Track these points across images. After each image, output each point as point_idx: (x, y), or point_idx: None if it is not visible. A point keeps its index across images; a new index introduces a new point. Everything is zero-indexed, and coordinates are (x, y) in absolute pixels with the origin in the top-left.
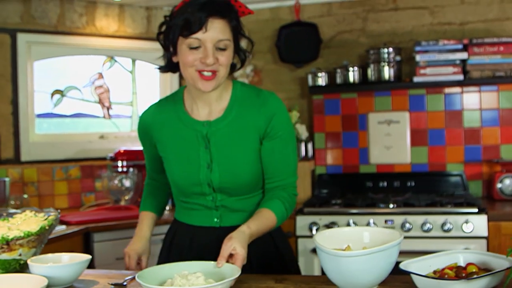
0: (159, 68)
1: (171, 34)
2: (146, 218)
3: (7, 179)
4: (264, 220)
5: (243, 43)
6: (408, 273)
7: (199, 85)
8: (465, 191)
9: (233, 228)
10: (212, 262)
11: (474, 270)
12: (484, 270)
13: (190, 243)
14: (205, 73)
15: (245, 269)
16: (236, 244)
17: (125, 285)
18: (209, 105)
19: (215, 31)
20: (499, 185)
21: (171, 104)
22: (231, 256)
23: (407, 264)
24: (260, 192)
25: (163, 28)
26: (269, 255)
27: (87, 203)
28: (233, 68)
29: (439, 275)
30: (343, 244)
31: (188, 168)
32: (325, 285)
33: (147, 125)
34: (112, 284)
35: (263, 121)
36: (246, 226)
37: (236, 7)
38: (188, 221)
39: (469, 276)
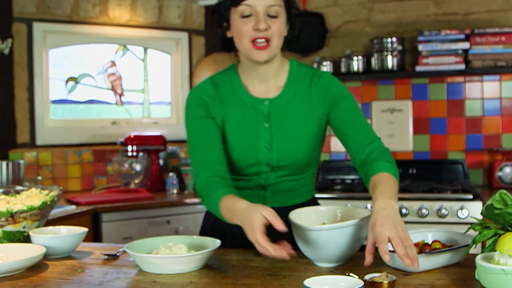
0: (223, 46)
1: (223, 7)
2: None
3: (21, 161)
4: (389, 182)
5: None
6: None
7: (254, 55)
8: (466, 179)
9: (277, 210)
10: (195, 237)
11: (437, 247)
12: (449, 247)
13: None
14: (259, 42)
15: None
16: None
17: (118, 255)
18: (266, 82)
19: None
20: (499, 174)
21: (227, 79)
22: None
23: None
24: (312, 172)
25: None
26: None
27: (99, 186)
28: (287, 43)
29: None
30: (318, 221)
31: (248, 148)
32: (300, 258)
33: (207, 99)
34: (105, 255)
35: (322, 96)
36: (391, 199)
37: None
38: None
39: (432, 251)
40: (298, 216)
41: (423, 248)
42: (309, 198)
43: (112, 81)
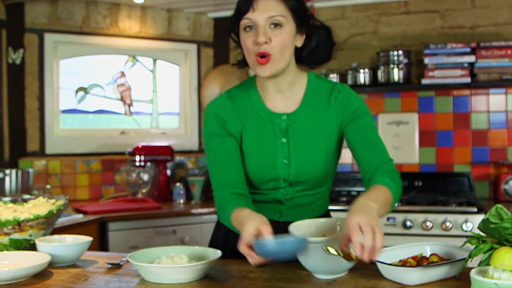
0: (236, 64)
1: (232, 22)
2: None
3: (31, 170)
4: (381, 193)
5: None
6: (373, 261)
7: (257, 70)
8: (471, 192)
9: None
10: (197, 247)
11: (435, 260)
12: (446, 260)
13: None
14: (259, 57)
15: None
16: (362, 220)
17: (121, 265)
18: (282, 94)
19: (265, 8)
20: (504, 187)
21: (245, 93)
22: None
23: None
24: (328, 186)
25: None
26: None
27: (106, 195)
28: (303, 56)
29: (402, 264)
30: (319, 234)
31: (265, 163)
32: (299, 270)
33: (224, 114)
34: (109, 264)
35: (340, 111)
36: (369, 200)
37: None
38: None
39: (428, 264)
40: (298, 228)
41: (420, 261)
42: (324, 212)
43: (121, 91)
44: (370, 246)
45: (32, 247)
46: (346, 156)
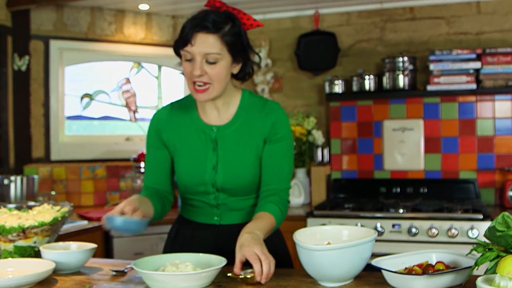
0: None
1: (175, 45)
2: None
3: (36, 176)
4: (267, 222)
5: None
6: (378, 269)
7: (194, 95)
8: (477, 199)
9: (231, 227)
10: (201, 254)
11: (441, 268)
12: (452, 269)
13: (191, 238)
14: (198, 85)
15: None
16: (257, 249)
17: (126, 272)
18: (217, 110)
19: (203, 45)
20: (510, 193)
21: (184, 107)
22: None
23: (380, 261)
24: (256, 196)
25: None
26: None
27: (112, 201)
28: (239, 77)
29: (408, 271)
30: (324, 241)
31: (195, 169)
32: (304, 277)
33: (161, 125)
34: (113, 271)
35: (267, 127)
36: (256, 228)
37: (244, 20)
38: (191, 217)
39: (434, 272)
40: (303, 235)
41: (426, 269)
42: None
43: (127, 98)
44: (267, 272)
45: (36, 254)
46: (351, 162)
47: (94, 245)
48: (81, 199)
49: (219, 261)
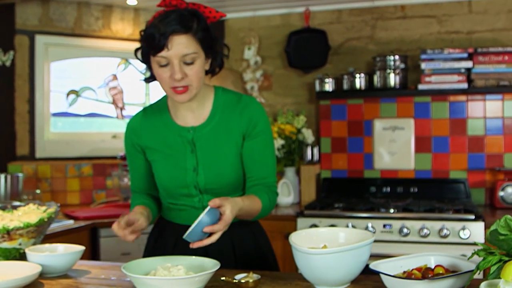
0: (144, 80)
1: (142, 52)
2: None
3: (20, 174)
4: (254, 202)
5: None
6: (377, 273)
7: (175, 98)
8: (468, 199)
9: None
10: (194, 257)
11: (440, 272)
12: (452, 272)
13: (175, 241)
14: (178, 88)
15: (229, 262)
16: (227, 208)
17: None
18: (192, 111)
19: (179, 47)
20: (501, 193)
21: (156, 111)
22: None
23: (378, 264)
24: (243, 193)
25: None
26: (250, 250)
27: (98, 200)
28: (212, 72)
29: (407, 275)
30: (319, 243)
31: (175, 172)
32: (300, 281)
33: (136, 131)
34: None
35: (245, 123)
36: (240, 199)
37: (206, 13)
38: (174, 220)
39: (434, 277)
40: (299, 238)
41: (425, 273)
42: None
43: (114, 94)
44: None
45: (22, 256)
46: (340, 162)
47: (81, 247)
48: (66, 198)
49: (212, 265)
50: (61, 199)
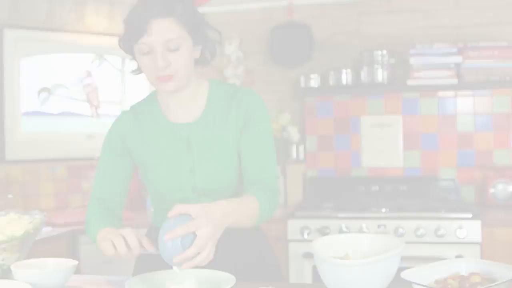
0: (132, 72)
1: (124, 40)
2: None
3: None
4: (247, 204)
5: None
6: (410, 283)
7: (160, 88)
8: (457, 196)
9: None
10: (205, 270)
11: (478, 280)
12: (488, 280)
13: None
14: (162, 76)
15: (230, 273)
16: (202, 222)
17: None
18: (185, 106)
19: (161, 32)
20: (492, 190)
21: (146, 108)
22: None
23: (409, 273)
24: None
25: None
26: (253, 260)
27: (74, 204)
28: (203, 61)
29: (442, 285)
30: (341, 251)
31: (170, 174)
32: None
33: (125, 132)
34: None
35: (242, 116)
36: (226, 201)
37: None
38: None
39: (473, 287)
40: (321, 245)
41: (462, 283)
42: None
43: (88, 92)
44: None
45: (5, 273)
46: (328, 160)
47: (74, 262)
48: (39, 202)
49: (227, 279)
50: (34, 203)
